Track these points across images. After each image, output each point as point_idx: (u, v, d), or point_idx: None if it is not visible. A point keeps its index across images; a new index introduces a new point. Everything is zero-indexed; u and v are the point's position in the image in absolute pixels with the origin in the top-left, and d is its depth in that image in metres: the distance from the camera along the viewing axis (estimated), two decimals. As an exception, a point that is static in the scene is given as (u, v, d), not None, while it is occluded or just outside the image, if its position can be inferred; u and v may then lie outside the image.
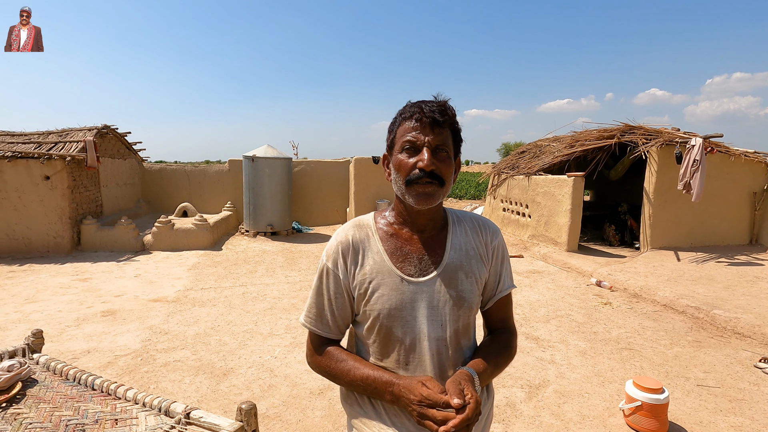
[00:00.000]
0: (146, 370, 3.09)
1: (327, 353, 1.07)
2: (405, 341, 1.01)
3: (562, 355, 3.42)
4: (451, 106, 1.01)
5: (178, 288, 5.13)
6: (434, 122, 0.96)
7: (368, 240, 1.06)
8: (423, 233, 1.07)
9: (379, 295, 1.01)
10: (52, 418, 1.46)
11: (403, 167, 0.98)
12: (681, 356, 3.42)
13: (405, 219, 1.07)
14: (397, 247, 1.05)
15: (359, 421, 1.07)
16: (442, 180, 0.97)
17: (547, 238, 7.44)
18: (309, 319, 1.09)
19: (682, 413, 2.63)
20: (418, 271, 1.03)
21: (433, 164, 0.95)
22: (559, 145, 8.27)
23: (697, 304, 4.32)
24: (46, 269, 5.94)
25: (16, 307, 4.39)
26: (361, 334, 1.09)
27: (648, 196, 6.55)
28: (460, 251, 1.07)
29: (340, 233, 1.09)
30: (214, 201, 10.23)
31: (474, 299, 1.07)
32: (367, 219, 1.11)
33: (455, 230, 1.10)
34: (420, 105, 0.99)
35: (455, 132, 1.02)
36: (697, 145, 5.78)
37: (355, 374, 1.00)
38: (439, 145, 0.97)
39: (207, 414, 1.54)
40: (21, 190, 6.73)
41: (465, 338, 1.09)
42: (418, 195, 0.97)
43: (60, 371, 1.79)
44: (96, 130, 7.79)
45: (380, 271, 1.02)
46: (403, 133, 0.99)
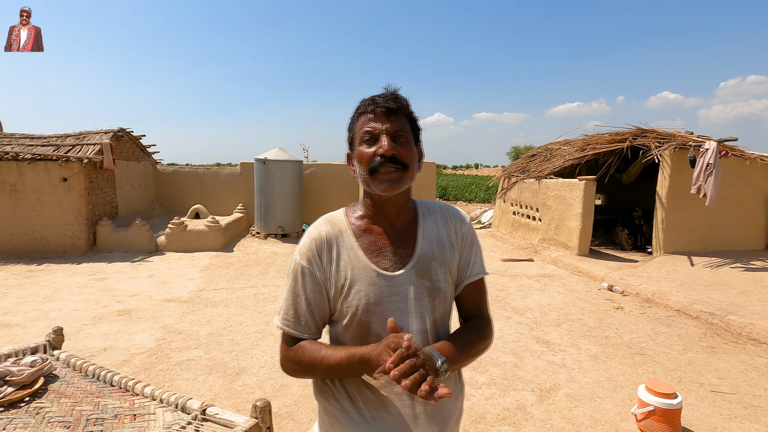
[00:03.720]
0: (161, 369, 3.14)
1: (301, 347, 1.02)
2: (383, 335, 0.98)
3: (573, 359, 3.40)
4: (402, 95, 1.03)
5: (191, 288, 5.20)
6: (389, 110, 0.97)
7: (341, 236, 1.05)
8: (395, 226, 1.06)
9: (356, 291, 1.00)
10: (73, 412, 1.51)
11: (365, 157, 0.98)
12: (695, 362, 3.38)
13: (375, 212, 1.06)
14: (371, 242, 1.04)
15: (334, 419, 1.04)
16: (405, 164, 0.97)
17: (557, 242, 7.39)
18: (286, 322, 1.05)
19: (695, 419, 2.60)
20: (393, 265, 1.03)
21: (394, 149, 0.96)
22: (570, 149, 8.22)
23: (712, 310, 4.26)
24: (63, 269, 6.07)
25: (34, 306, 4.49)
26: (337, 332, 1.08)
27: (661, 200, 6.48)
28: (431, 241, 1.07)
29: (312, 230, 1.07)
30: (226, 203, 10.35)
31: (448, 288, 1.07)
32: (338, 215, 1.10)
33: (426, 221, 1.10)
34: (373, 98, 1.00)
35: (411, 120, 1.03)
36: (711, 149, 5.70)
37: (331, 360, 0.97)
38: (397, 131, 0.98)
39: (222, 411, 1.57)
40: (39, 192, 6.89)
41: (443, 327, 1.09)
42: (383, 182, 0.97)
43: (80, 367, 1.84)
44: (112, 133, 7.94)
45: (356, 266, 1.01)
46: (361, 127, 1.00)
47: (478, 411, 2.67)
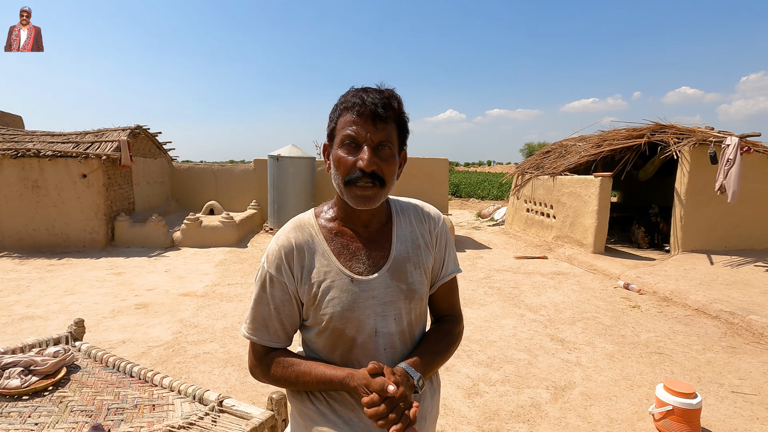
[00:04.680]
0: (178, 361, 3.20)
1: (275, 361, 1.00)
2: (358, 340, 0.97)
3: (588, 357, 3.36)
4: (397, 97, 0.94)
5: (206, 283, 5.28)
6: (376, 117, 0.89)
7: (312, 241, 1.00)
8: (368, 228, 1.02)
9: (330, 298, 0.96)
10: (94, 401, 1.54)
11: (343, 165, 0.91)
12: (714, 362, 3.31)
13: (347, 214, 1.01)
14: (343, 246, 1.00)
15: (309, 421, 1.02)
16: (383, 181, 0.92)
17: (572, 239, 7.30)
18: (254, 331, 1.00)
19: (715, 420, 2.55)
20: (367, 269, 0.99)
21: (374, 164, 0.89)
22: (585, 145, 8.10)
23: (732, 309, 4.16)
24: (83, 263, 6.21)
25: (56, 299, 4.61)
26: (309, 338, 1.04)
27: (679, 197, 6.34)
28: (406, 242, 1.04)
29: (280, 236, 1.01)
30: (240, 199, 10.46)
31: (424, 289, 1.04)
32: (307, 218, 1.04)
33: (399, 221, 1.06)
34: (362, 96, 0.91)
35: (401, 125, 0.96)
36: (733, 145, 5.56)
37: (309, 377, 0.95)
38: (382, 141, 0.90)
39: (239, 403, 1.59)
40: (60, 188, 7.06)
41: (418, 328, 1.07)
42: (357, 197, 0.92)
43: (100, 358, 1.88)
44: (129, 130, 8.08)
45: (328, 272, 0.97)
46: (344, 126, 0.92)
47: (491, 408, 2.66)
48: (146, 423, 1.45)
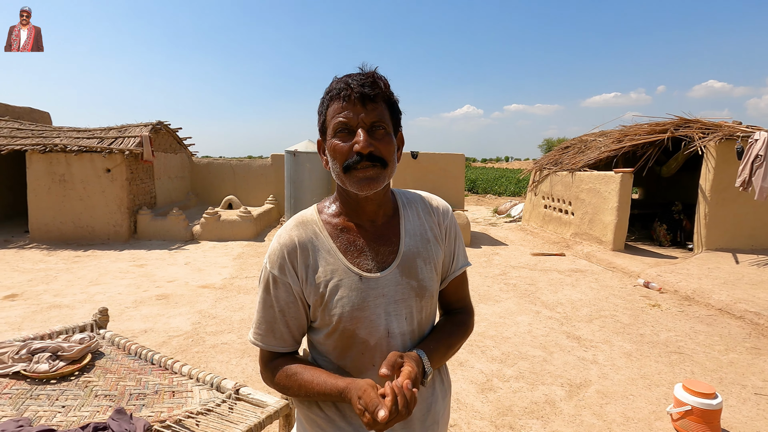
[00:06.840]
0: (197, 351, 3.28)
1: (279, 370, 0.95)
2: (370, 342, 0.93)
3: (605, 355, 3.32)
4: (381, 76, 0.90)
5: (224, 276, 5.38)
6: (365, 97, 0.86)
7: (316, 238, 0.95)
8: (374, 222, 0.97)
9: (338, 297, 0.91)
10: (117, 387, 1.60)
11: (339, 152, 0.88)
12: (737, 363, 3.23)
13: (352, 208, 0.96)
14: (349, 242, 0.95)
15: (317, 428, 0.98)
16: (383, 161, 0.88)
17: (590, 236, 7.17)
18: (259, 336, 0.96)
19: (736, 421, 2.49)
20: (375, 266, 0.94)
21: (371, 145, 0.85)
22: (606, 140, 7.93)
23: (757, 309, 4.04)
24: (107, 255, 6.41)
25: (82, 289, 4.77)
26: (318, 340, 0.98)
27: (704, 194, 6.16)
28: (415, 237, 0.99)
29: (282, 235, 0.96)
30: (257, 194, 10.60)
31: (434, 286, 1.01)
32: (310, 214, 0.99)
33: (407, 214, 1.01)
34: (346, 81, 0.88)
35: (391, 105, 0.92)
36: (762, 140, 5.37)
37: (311, 388, 0.90)
38: (375, 122, 0.87)
39: (255, 391, 1.63)
40: (85, 182, 7.28)
41: (428, 326, 1.03)
42: (359, 181, 0.87)
43: (123, 346, 1.94)
44: (151, 125, 8.26)
45: (336, 271, 0.92)
46: (334, 114, 0.88)
47: (505, 404, 2.66)
48: (166, 408, 1.50)
